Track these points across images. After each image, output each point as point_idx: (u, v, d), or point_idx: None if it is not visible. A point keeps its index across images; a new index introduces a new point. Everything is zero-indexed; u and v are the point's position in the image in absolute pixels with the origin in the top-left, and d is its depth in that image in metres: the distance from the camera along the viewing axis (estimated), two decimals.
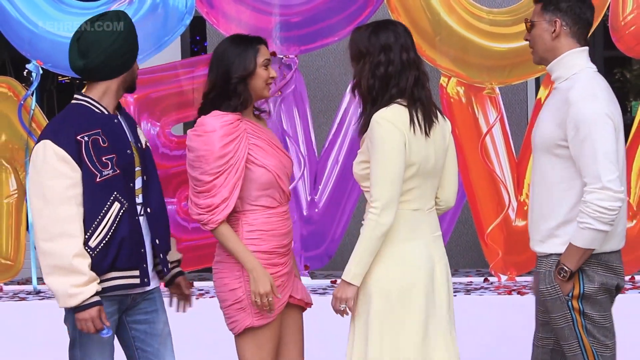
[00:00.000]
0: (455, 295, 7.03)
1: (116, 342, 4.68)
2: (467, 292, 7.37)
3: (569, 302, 4.52)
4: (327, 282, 7.68)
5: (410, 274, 4.55)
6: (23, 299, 7.84)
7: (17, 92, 7.92)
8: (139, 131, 4.81)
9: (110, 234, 4.53)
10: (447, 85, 7.69)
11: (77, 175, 4.46)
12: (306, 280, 7.79)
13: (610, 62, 11.32)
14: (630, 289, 7.54)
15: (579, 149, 4.40)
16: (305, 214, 7.82)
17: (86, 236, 4.45)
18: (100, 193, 4.51)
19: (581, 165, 4.39)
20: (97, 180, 4.46)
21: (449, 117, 7.29)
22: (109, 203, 4.54)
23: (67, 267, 4.39)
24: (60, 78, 4.78)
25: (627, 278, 7.47)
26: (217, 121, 4.71)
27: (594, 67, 4.64)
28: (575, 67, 4.60)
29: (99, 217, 4.52)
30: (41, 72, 7.57)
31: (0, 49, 10.04)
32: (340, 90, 7.85)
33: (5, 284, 8.02)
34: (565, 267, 4.47)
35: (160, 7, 7.62)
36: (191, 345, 5.06)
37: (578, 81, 4.52)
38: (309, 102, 7.98)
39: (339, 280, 4.74)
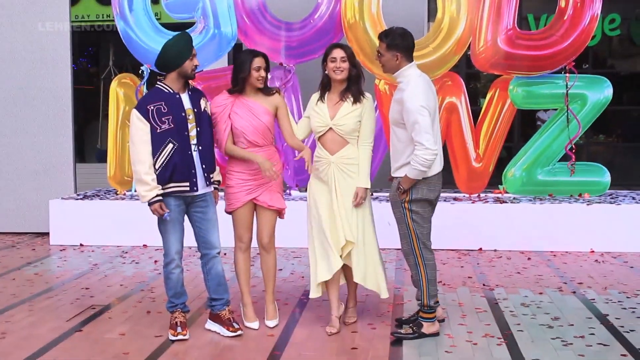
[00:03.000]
0: (381, 202, 7.80)
1: (187, 222, 5.07)
2: (387, 201, 7.44)
3: (403, 203, 4.93)
4: (306, 194, 7.49)
5: None
6: (138, 199, 8.03)
7: (135, 82, 8.47)
8: (201, 101, 5.02)
9: (166, 160, 4.82)
10: (379, 84, 8.12)
11: (147, 128, 4.81)
12: (297, 193, 8.28)
13: (469, 76, 11.80)
14: (477, 200, 8.22)
15: (411, 127, 4.76)
16: (296, 154, 7.34)
17: (154, 162, 4.82)
18: (160, 138, 4.83)
19: (412, 135, 4.76)
20: (158, 131, 4.83)
21: (379, 103, 8.04)
22: (165, 143, 4.83)
23: (140, 179, 4.82)
24: (159, 76, 5.39)
25: (474, 196, 8.33)
26: (217, 97, 5.13)
27: (418, 72, 4.93)
28: (408, 75, 4.90)
29: (159, 151, 4.82)
30: (149, 71, 8.08)
31: (125, 58, 10.52)
32: (317, 86, 7.25)
33: (127, 191, 8.75)
34: (401, 187, 4.89)
35: (217, 36, 8.01)
36: (224, 224, 5.28)
37: (409, 84, 4.85)
38: (300, 91, 8.19)
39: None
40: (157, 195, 4.82)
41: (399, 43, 4.88)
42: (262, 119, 5.05)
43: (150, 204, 4.83)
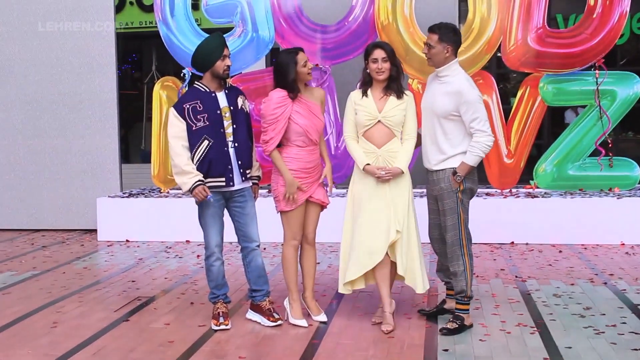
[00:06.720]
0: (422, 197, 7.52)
1: (228, 217, 5.05)
2: (422, 197, 7.57)
3: (456, 193, 4.84)
4: (344, 190, 7.78)
5: None
6: (180, 197, 8.45)
7: (177, 85, 8.56)
8: (239, 99, 4.98)
9: (202, 157, 4.82)
10: (412, 82, 8.05)
11: (183, 125, 4.82)
12: (335, 190, 7.74)
13: (499, 77, 11.61)
14: (509, 195, 8.18)
15: (470, 117, 4.68)
16: (332, 153, 7.89)
17: (191, 158, 4.82)
18: (196, 135, 4.83)
19: (473, 125, 4.69)
20: (193, 128, 4.83)
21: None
22: (200, 140, 4.82)
23: (181, 171, 4.82)
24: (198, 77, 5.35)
25: (506, 191, 8.25)
26: (274, 95, 4.89)
27: (461, 69, 4.90)
28: (455, 69, 4.84)
29: (195, 148, 4.83)
30: (190, 74, 8.07)
31: (168, 63, 10.55)
32: (352, 86, 7.16)
33: (171, 189, 8.84)
34: (459, 174, 4.78)
35: (255, 39, 7.96)
36: (263, 220, 5.28)
37: (458, 77, 4.78)
38: (335, 92, 8.09)
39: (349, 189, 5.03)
40: (199, 180, 4.80)
41: (451, 37, 4.82)
42: (321, 117, 4.97)
43: (192, 190, 4.80)
